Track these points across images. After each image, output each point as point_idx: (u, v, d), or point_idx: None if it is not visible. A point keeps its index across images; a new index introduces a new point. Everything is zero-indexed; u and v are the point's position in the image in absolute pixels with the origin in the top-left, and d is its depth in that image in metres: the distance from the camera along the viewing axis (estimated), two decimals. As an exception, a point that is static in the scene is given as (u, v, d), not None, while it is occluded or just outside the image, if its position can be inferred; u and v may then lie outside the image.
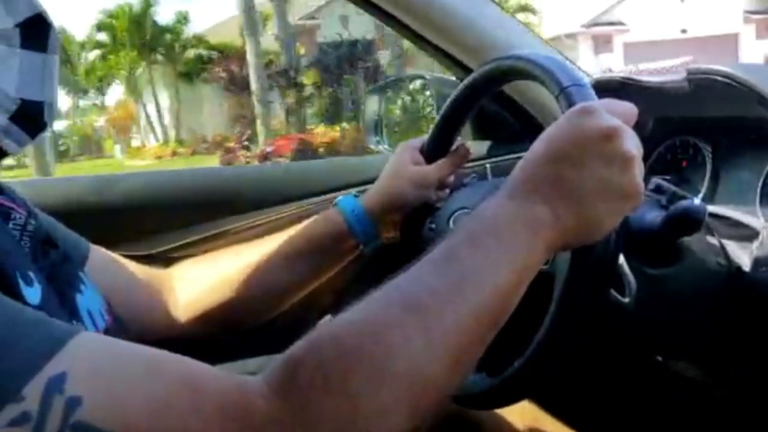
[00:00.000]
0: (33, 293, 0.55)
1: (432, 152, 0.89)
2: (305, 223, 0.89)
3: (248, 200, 1.07)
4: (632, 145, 0.53)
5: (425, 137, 0.91)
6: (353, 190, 1.06)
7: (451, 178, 0.90)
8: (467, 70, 1.06)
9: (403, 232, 0.90)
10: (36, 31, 0.52)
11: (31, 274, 0.56)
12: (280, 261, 0.86)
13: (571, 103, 0.57)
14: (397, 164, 0.88)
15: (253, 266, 0.85)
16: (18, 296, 0.51)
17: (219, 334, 0.86)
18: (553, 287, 0.58)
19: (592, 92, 0.59)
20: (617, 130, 0.52)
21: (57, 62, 0.54)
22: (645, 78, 0.88)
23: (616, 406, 0.89)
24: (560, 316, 0.56)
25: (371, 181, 0.92)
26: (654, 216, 0.64)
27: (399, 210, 0.87)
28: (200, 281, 0.85)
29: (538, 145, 0.54)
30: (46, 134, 0.88)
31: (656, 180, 0.68)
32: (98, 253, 0.79)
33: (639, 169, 0.53)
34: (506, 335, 0.49)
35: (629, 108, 0.56)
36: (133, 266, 0.84)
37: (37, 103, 0.53)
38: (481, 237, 0.49)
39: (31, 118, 0.52)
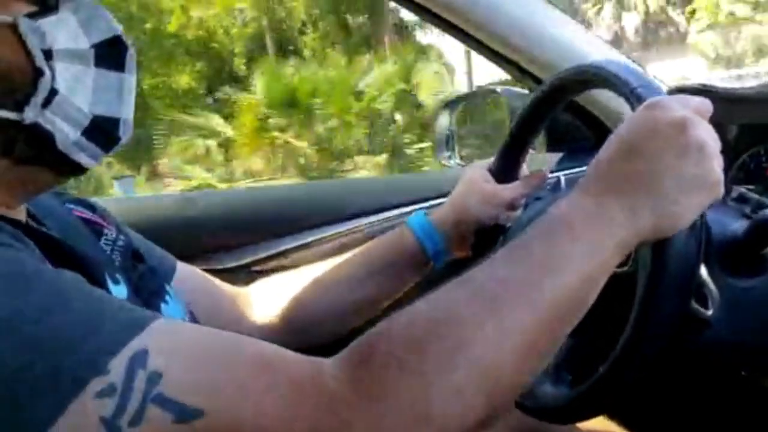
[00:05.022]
0: (119, 291, 0.59)
1: (500, 170, 0.88)
2: (376, 240, 0.90)
3: (326, 214, 1.10)
4: (706, 134, 0.52)
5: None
6: (424, 204, 1.08)
7: (522, 201, 0.90)
8: (539, 82, 1.05)
9: (474, 251, 0.90)
10: (113, 52, 0.55)
11: (119, 276, 0.61)
12: (354, 279, 0.87)
13: (641, 101, 0.56)
14: (468, 182, 0.88)
15: (328, 284, 0.87)
16: (105, 291, 0.54)
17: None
18: (635, 290, 0.56)
19: (662, 90, 0.57)
20: (690, 121, 0.51)
21: (134, 82, 0.57)
22: (725, 84, 0.86)
23: (696, 423, 0.86)
24: (643, 318, 0.54)
25: (442, 196, 0.93)
26: (737, 226, 0.62)
27: (469, 227, 0.87)
28: (278, 299, 0.87)
29: (611, 141, 0.53)
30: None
31: (739, 189, 0.66)
32: (184, 269, 0.83)
33: (716, 159, 0.52)
34: (590, 343, 0.49)
35: (702, 101, 0.55)
36: (216, 282, 0.87)
37: (112, 119, 0.55)
38: (554, 232, 0.49)
39: (104, 133, 0.55)
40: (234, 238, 1.07)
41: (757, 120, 0.88)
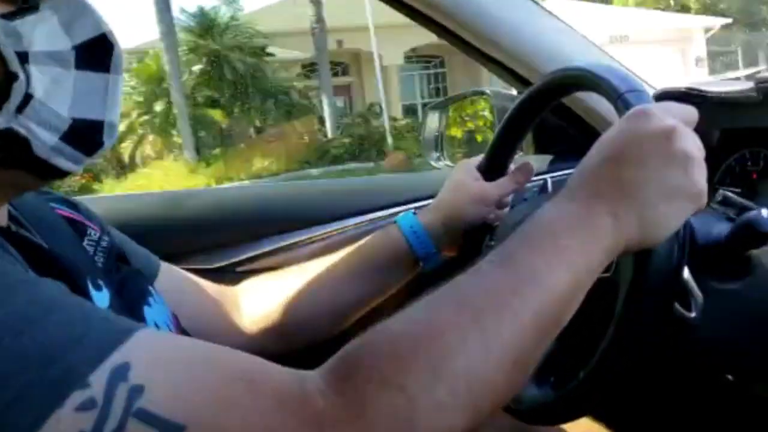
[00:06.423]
0: (101, 297, 0.58)
1: (489, 169, 0.88)
2: (365, 240, 0.89)
3: (312, 215, 1.09)
4: (692, 144, 0.52)
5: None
6: (413, 206, 1.07)
7: (510, 197, 0.89)
8: (527, 84, 1.06)
9: (462, 251, 0.90)
10: (97, 52, 0.52)
11: (101, 282, 0.59)
12: (341, 279, 0.87)
13: (628, 108, 0.57)
14: (457, 181, 0.88)
15: (316, 284, 0.86)
16: (87, 299, 0.54)
17: (282, 351, 0.88)
18: (617, 294, 0.57)
19: (650, 97, 0.58)
20: (676, 130, 0.52)
21: (120, 82, 0.54)
22: (711, 88, 0.86)
23: (682, 426, 0.86)
24: (625, 323, 0.55)
25: (431, 197, 0.93)
26: (721, 229, 0.62)
27: (458, 227, 0.87)
28: (265, 298, 0.87)
29: (597, 147, 0.54)
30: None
31: (724, 192, 0.67)
32: (168, 270, 0.82)
33: (701, 169, 0.52)
34: (572, 346, 0.49)
35: (688, 110, 0.55)
36: (201, 283, 0.86)
37: (94, 122, 0.53)
38: (538, 239, 0.49)
39: (85, 137, 0.52)
40: (220, 237, 1.07)
41: (742, 123, 0.89)
